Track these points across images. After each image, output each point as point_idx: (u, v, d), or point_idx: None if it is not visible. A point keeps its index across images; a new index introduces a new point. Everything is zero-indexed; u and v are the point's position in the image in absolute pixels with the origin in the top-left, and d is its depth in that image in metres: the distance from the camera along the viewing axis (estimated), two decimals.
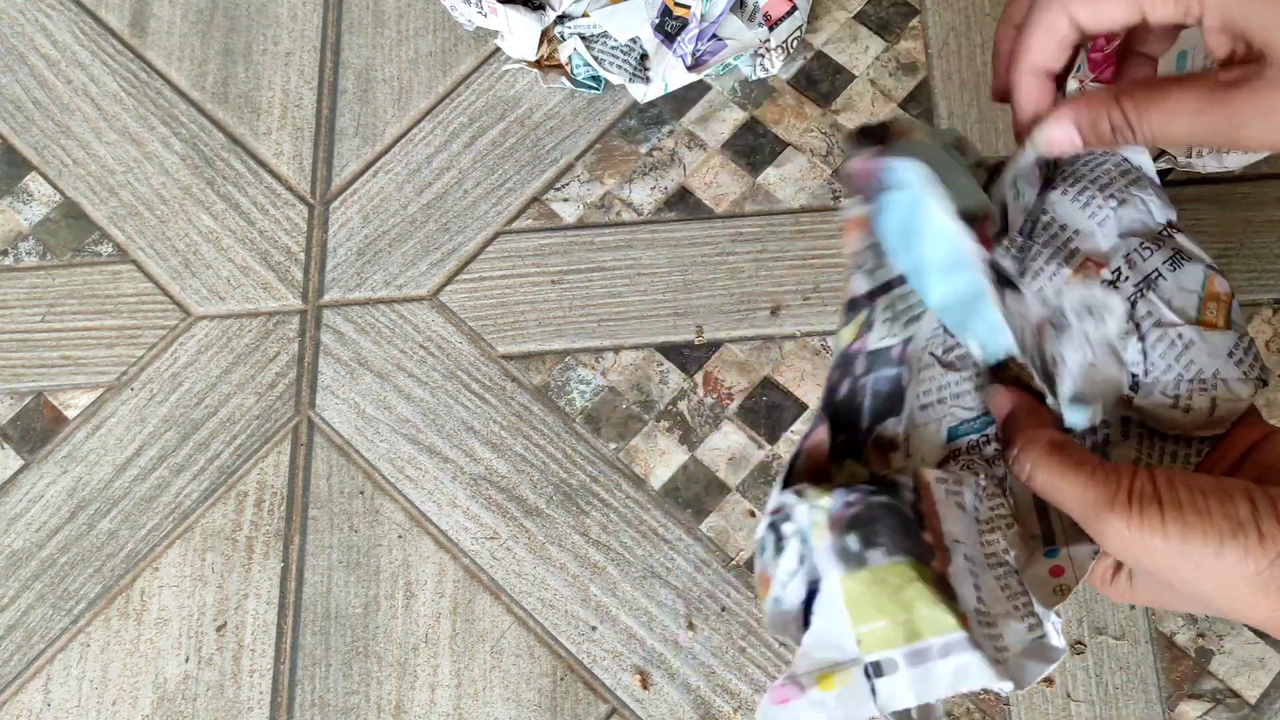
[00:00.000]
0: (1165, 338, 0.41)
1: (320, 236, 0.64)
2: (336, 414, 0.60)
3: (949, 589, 0.38)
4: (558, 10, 0.62)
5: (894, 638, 0.35)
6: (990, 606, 0.39)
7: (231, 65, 0.68)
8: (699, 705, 0.53)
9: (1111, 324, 0.42)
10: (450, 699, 0.54)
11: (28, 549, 0.58)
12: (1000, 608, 0.39)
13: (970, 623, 0.37)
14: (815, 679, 0.36)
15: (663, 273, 0.61)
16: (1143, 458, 0.42)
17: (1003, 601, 0.40)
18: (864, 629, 0.36)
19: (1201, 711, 0.51)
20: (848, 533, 0.36)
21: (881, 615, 0.36)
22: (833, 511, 0.37)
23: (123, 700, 0.55)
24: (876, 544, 0.36)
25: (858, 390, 0.42)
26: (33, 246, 0.65)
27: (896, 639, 0.35)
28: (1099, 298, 0.42)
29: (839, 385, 0.41)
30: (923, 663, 0.35)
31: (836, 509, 0.37)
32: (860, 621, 0.36)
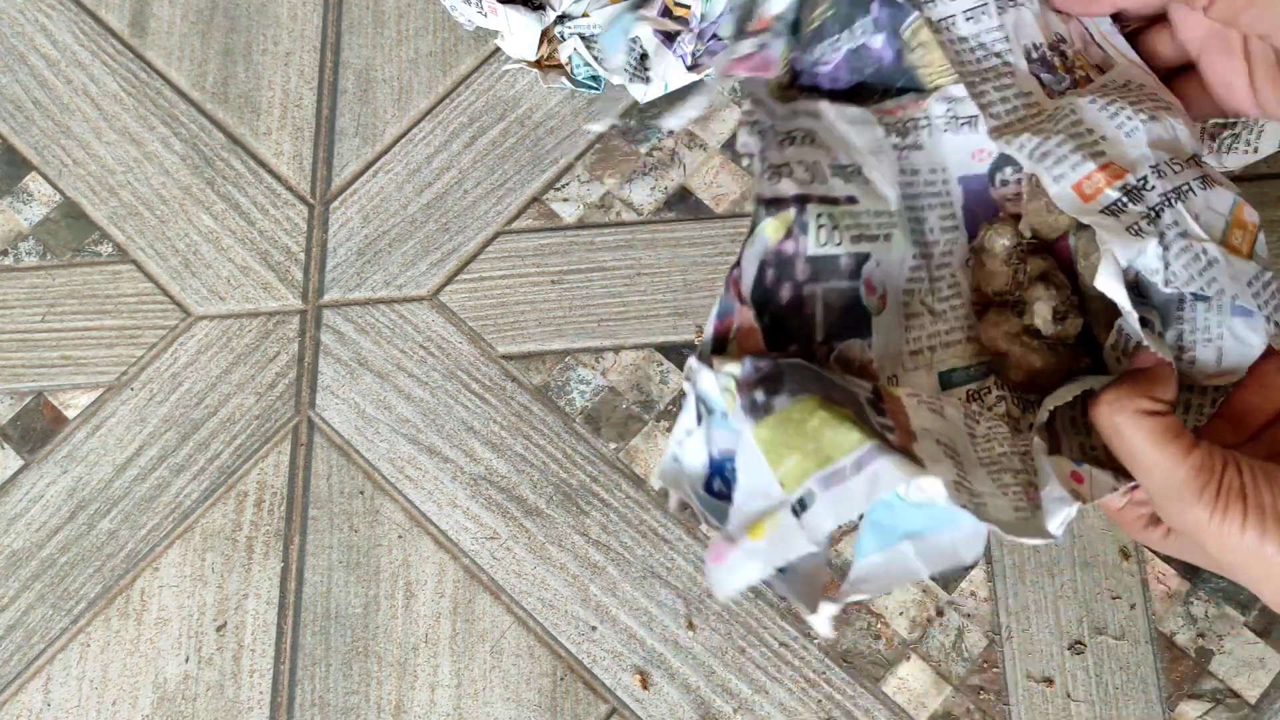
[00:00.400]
0: (1190, 250, 0.40)
1: (320, 236, 0.64)
2: (336, 414, 0.60)
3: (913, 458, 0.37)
4: (558, 10, 0.62)
5: (808, 467, 0.35)
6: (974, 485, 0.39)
7: (231, 65, 0.68)
8: (699, 705, 0.53)
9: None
10: (450, 699, 0.54)
11: (28, 549, 0.58)
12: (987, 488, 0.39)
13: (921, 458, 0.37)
14: (745, 530, 0.36)
15: (663, 273, 0.61)
16: None
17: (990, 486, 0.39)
18: (781, 470, 0.35)
19: (1201, 711, 0.51)
20: (754, 390, 0.36)
21: (792, 451, 0.35)
22: (742, 377, 0.37)
23: (123, 700, 0.55)
24: (781, 391, 0.36)
25: (805, 299, 0.41)
26: (33, 246, 0.65)
27: (810, 467, 0.35)
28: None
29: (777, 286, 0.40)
30: (839, 483, 0.35)
31: (746, 374, 0.37)
32: (776, 464, 0.36)
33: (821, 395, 0.36)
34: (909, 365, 0.44)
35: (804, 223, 0.40)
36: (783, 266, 0.40)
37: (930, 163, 0.44)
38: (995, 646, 0.53)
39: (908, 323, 0.44)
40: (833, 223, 0.41)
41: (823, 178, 0.41)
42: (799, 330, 0.41)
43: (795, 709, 0.53)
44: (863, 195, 0.42)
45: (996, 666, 0.53)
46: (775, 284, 0.40)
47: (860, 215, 0.42)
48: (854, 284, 0.42)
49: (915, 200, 0.45)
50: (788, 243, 0.40)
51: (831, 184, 0.41)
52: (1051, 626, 0.53)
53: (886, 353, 0.43)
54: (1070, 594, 0.53)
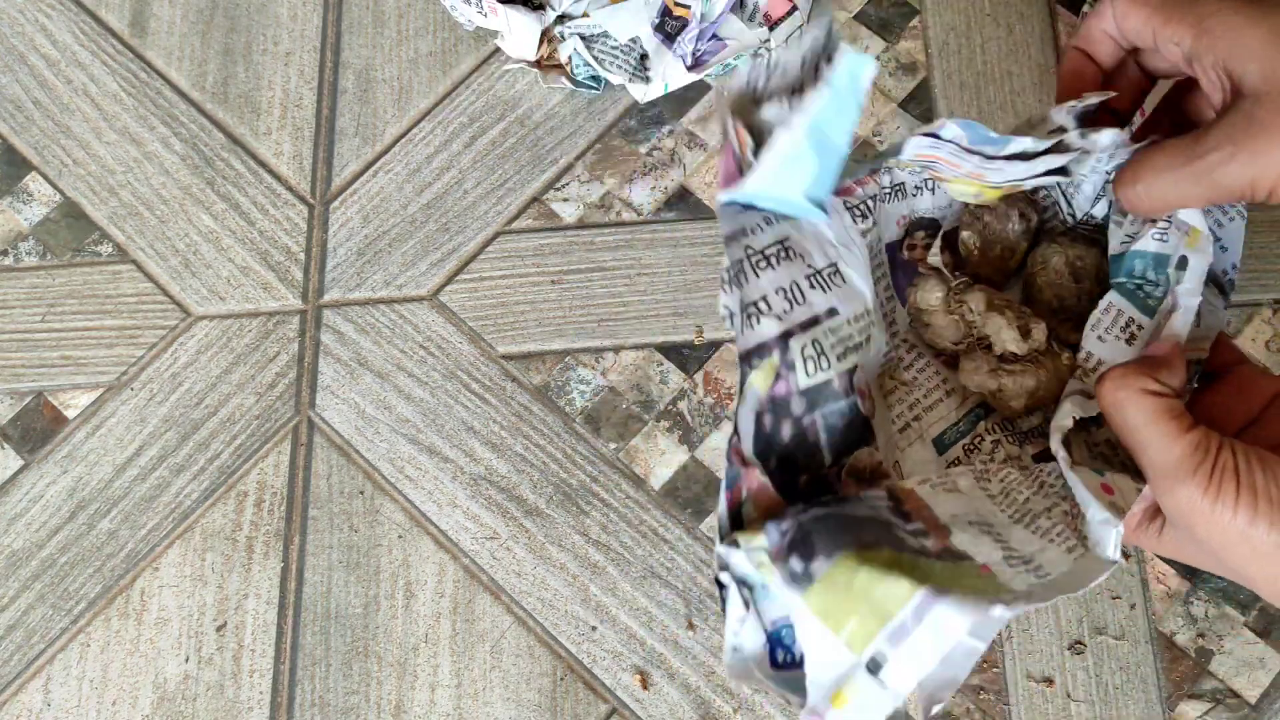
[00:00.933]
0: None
1: (320, 236, 0.64)
2: (336, 414, 0.60)
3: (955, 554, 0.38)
4: (558, 10, 0.62)
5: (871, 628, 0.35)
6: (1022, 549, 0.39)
7: (231, 65, 0.68)
8: (699, 705, 0.53)
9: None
10: (450, 699, 0.54)
11: (28, 549, 0.58)
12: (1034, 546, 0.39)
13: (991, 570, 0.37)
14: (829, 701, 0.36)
15: (663, 273, 0.61)
16: None
17: (1036, 541, 0.39)
18: (845, 634, 0.36)
19: (1201, 711, 0.51)
20: (789, 558, 0.36)
21: (849, 614, 0.36)
22: (771, 548, 0.37)
23: (123, 700, 0.55)
24: (815, 555, 0.36)
25: (806, 429, 0.42)
26: (33, 246, 0.65)
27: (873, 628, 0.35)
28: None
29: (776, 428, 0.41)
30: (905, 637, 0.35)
31: (774, 544, 0.37)
32: (839, 629, 0.36)
33: (855, 546, 0.36)
34: (902, 444, 0.45)
35: (790, 361, 0.40)
36: (779, 409, 0.41)
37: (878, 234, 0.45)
38: (995, 646, 0.53)
39: (888, 402, 0.45)
40: (818, 350, 0.41)
41: (801, 298, 0.41)
42: (808, 461, 0.41)
43: (795, 709, 0.53)
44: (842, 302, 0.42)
45: (996, 666, 0.53)
46: (775, 427, 0.40)
47: (842, 329, 0.42)
48: (850, 399, 0.42)
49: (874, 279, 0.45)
50: (779, 385, 0.40)
51: (811, 300, 0.41)
52: (1051, 626, 0.53)
53: (886, 446, 0.43)
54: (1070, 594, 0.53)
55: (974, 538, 0.39)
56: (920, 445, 0.45)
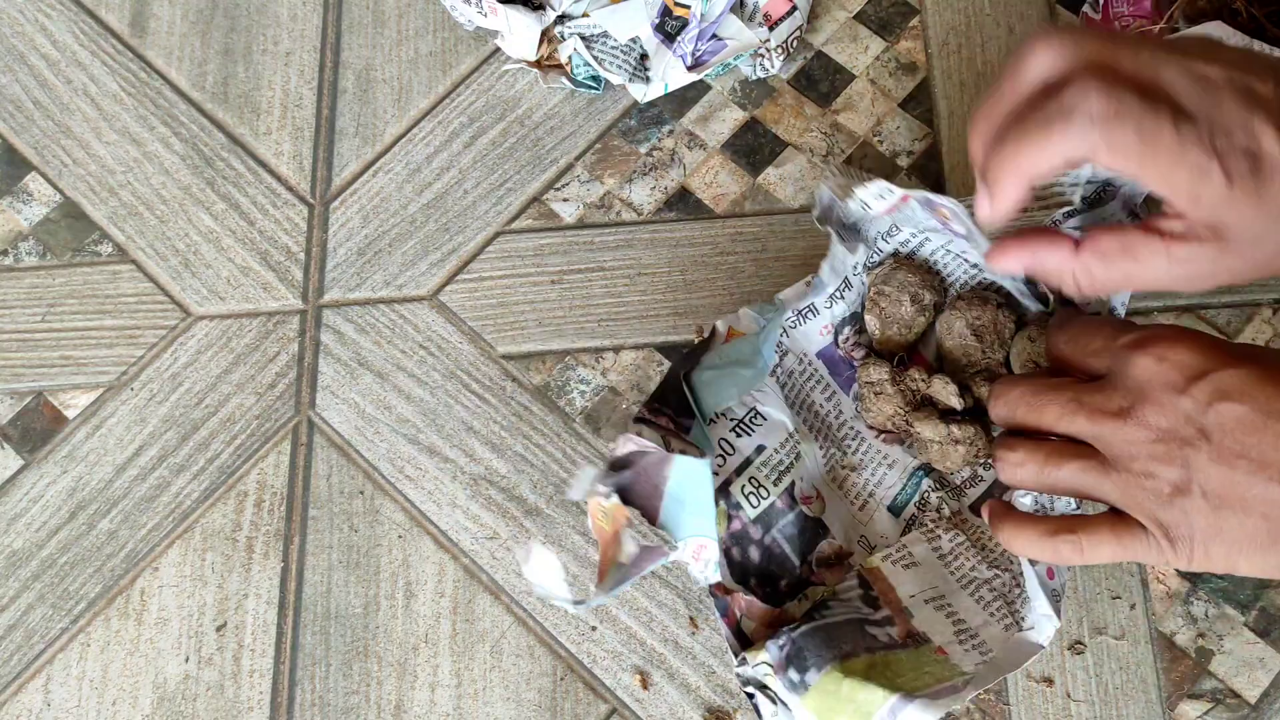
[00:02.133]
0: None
1: (320, 236, 0.64)
2: (336, 414, 0.60)
3: (917, 637, 0.49)
4: (558, 10, 0.62)
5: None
6: (969, 620, 0.50)
7: (231, 65, 0.68)
8: (699, 705, 0.53)
9: None
10: (450, 699, 0.54)
11: (28, 549, 0.58)
12: (978, 619, 0.49)
13: (946, 651, 0.48)
14: None
15: (663, 273, 0.61)
16: None
17: (980, 613, 0.49)
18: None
19: (1201, 711, 0.51)
20: (788, 670, 0.46)
21: (838, 713, 0.46)
22: (774, 661, 0.47)
23: (123, 700, 0.55)
24: (808, 668, 0.46)
25: (769, 547, 0.52)
26: (33, 246, 0.65)
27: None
28: None
29: (745, 555, 0.51)
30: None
31: (775, 658, 0.47)
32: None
33: (838, 658, 0.47)
34: (864, 519, 0.54)
35: (735, 503, 0.51)
36: (741, 541, 0.51)
37: (796, 355, 0.55)
38: None
39: (842, 490, 0.55)
40: (755, 485, 0.52)
41: (731, 449, 0.52)
42: (781, 569, 0.52)
43: None
44: (766, 437, 0.52)
45: None
46: (743, 555, 0.51)
47: (771, 459, 0.52)
48: (795, 510, 0.52)
49: (799, 392, 0.55)
50: (734, 523, 0.51)
51: (739, 447, 0.52)
52: None
53: (846, 528, 0.54)
54: (1070, 594, 0.53)
55: (930, 616, 0.50)
56: (880, 514, 0.54)
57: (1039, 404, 0.44)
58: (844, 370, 0.56)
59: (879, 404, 0.54)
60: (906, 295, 0.54)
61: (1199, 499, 0.40)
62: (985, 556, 0.52)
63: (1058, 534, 0.44)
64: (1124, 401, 0.41)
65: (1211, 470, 0.40)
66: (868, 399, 0.54)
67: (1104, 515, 0.43)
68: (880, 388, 0.54)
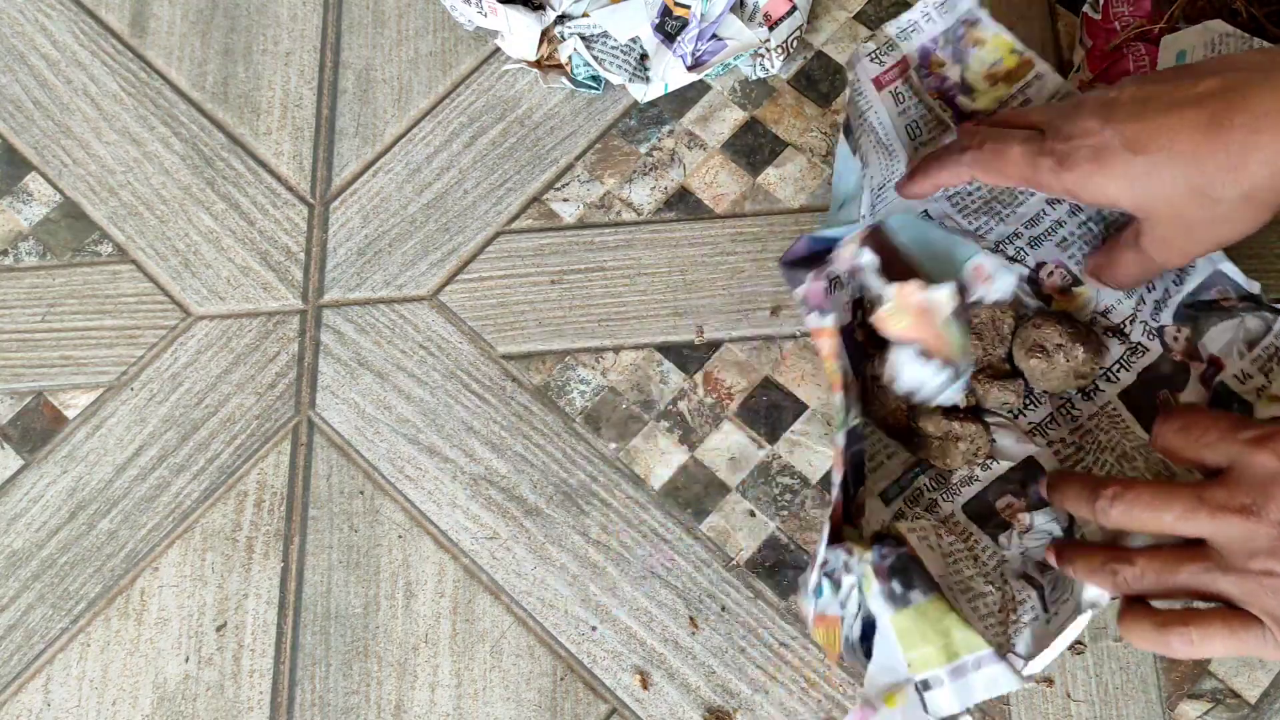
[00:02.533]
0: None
1: (320, 236, 0.64)
2: (336, 414, 0.60)
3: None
4: (558, 10, 0.62)
5: (938, 658, 0.45)
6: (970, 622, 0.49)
7: (231, 65, 0.68)
8: (699, 705, 0.53)
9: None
10: (450, 699, 0.54)
11: (28, 549, 0.58)
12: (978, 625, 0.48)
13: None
14: (883, 698, 0.45)
15: (663, 273, 0.61)
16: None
17: (978, 621, 0.49)
18: (913, 655, 0.45)
19: (1201, 711, 0.51)
20: (891, 579, 0.46)
21: (926, 642, 0.45)
22: (875, 563, 0.46)
23: (123, 700, 0.55)
24: (914, 586, 0.46)
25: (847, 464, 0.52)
26: (33, 246, 0.65)
27: (940, 659, 0.45)
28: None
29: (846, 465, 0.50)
30: (962, 676, 0.45)
31: (876, 561, 0.47)
32: (910, 649, 0.45)
33: (939, 592, 0.46)
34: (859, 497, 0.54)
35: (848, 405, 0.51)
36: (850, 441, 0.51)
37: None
38: None
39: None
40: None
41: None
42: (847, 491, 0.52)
43: (795, 709, 0.53)
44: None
45: None
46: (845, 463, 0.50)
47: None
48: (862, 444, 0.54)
49: None
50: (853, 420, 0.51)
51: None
52: None
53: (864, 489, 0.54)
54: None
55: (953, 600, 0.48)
56: (872, 500, 0.54)
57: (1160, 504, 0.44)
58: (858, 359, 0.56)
59: (884, 398, 0.54)
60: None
61: None
62: (980, 569, 0.52)
63: (1169, 626, 0.44)
64: (1247, 498, 0.42)
65: None
66: (873, 392, 0.55)
67: (1217, 610, 0.44)
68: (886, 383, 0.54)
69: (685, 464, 0.57)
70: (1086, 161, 0.46)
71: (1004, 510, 0.53)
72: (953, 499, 0.54)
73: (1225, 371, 0.52)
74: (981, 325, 0.54)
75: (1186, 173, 0.44)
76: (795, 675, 0.53)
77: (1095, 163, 0.45)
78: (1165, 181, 0.44)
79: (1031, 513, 0.53)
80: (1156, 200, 0.45)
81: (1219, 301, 0.53)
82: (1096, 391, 0.55)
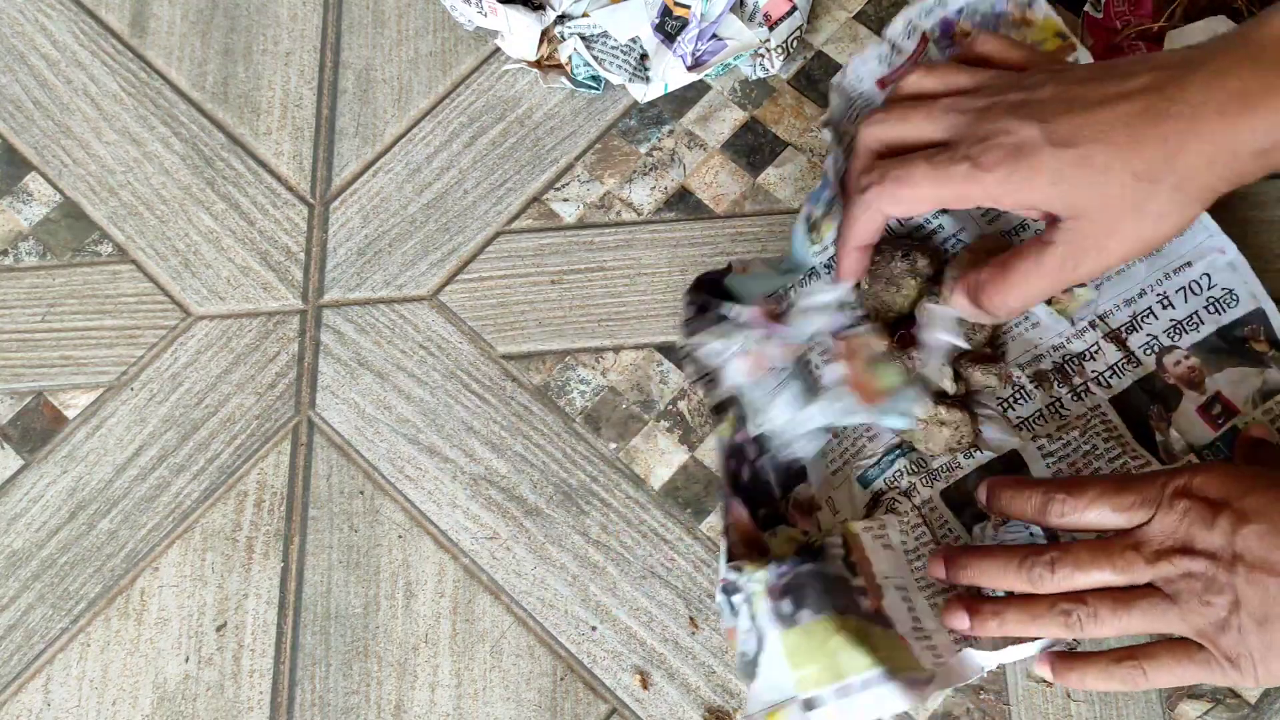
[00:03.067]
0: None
1: (320, 236, 0.64)
2: (336, 414, 0.60)
3: (885, 619, 0.48)
4: (558, 10, 0.62)
5: (824, 678, 0.45)
6: (924, 622, 0.49)
7: (231, 65, 0.68)
8: (699, 705, 0.53)
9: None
10: (450, 699, 0.54)
11: (28, 549, 0.58)
12: (932, 623, 0.49)
13: (907, 642, 0.48)
14: (765, 715, 0.45)
15: (663, 273, 0.61)
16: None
17: (933, 617, 0.49)
18: (800, 673, 0.45)
19: (1201, 711, 0.51)
20: (782, 599, 0.46)
21: (812, 662, 0.45)
22: (769, 583, 0.47)
23: (123, 700, 0.55)
24: (805, 605, 0.46)
25: (758, 471, 0.52)
26: (33, 246, 0.65)
27: (825, 679, 0.45)
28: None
29: (739, 471, 0.52)
30: (847, 695, 0.45)
31: (772, 580, 0.47)
32: (797, 667, 0.45)
33: (835, 610, 0.46)
34: (836, 483, 0.54)
35: (742, 416, 0.52)
36: (738, 455, 0.52)
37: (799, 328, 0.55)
38: None
39: (821, 450, 0.55)
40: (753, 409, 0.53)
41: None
42: (764, 497, 0.53)
43: None
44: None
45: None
46: (737, 469, 0.52)
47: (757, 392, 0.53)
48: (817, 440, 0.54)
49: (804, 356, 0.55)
50: (740, 434, 0.52)
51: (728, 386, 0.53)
52: None
53: (822, 483, 0.54)
54: None
55: (896, 603, 0.49)
56: (848, 485, 0.54)
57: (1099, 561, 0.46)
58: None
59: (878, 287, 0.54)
60: (899, 251, 0.55)
61: (1247, 619, 0.43)
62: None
63: (1120, 662, 0.46)
64: (1174, 543, 0.45)
65: (1249, 591, 0.43)
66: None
67: (1162, 642, 0.46)
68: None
69: (685, 464, 0.57)
70: (1007, 160, 0.44)
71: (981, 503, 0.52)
72: (932, 484, 0.54)
73: (1239, 416, 0.53)
74: None
75: (1126, 160, 0.43)
76: None
77: (1017, 160, 0.44)
78: (1099, 171, 0.43)
79: None
80: (1087, 194, 0.44)
81: (1249, 341, 0.54)
82: (1087, 393, 0.55)
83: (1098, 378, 0.55)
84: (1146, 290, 0.55)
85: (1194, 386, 0.54)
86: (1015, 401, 0.55)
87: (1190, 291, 0.55)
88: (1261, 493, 0.44)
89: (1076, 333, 0.55)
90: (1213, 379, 0.54)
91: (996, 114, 0.45)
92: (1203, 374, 0.54)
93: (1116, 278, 0.56)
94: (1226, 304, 0.54)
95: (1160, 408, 0.54)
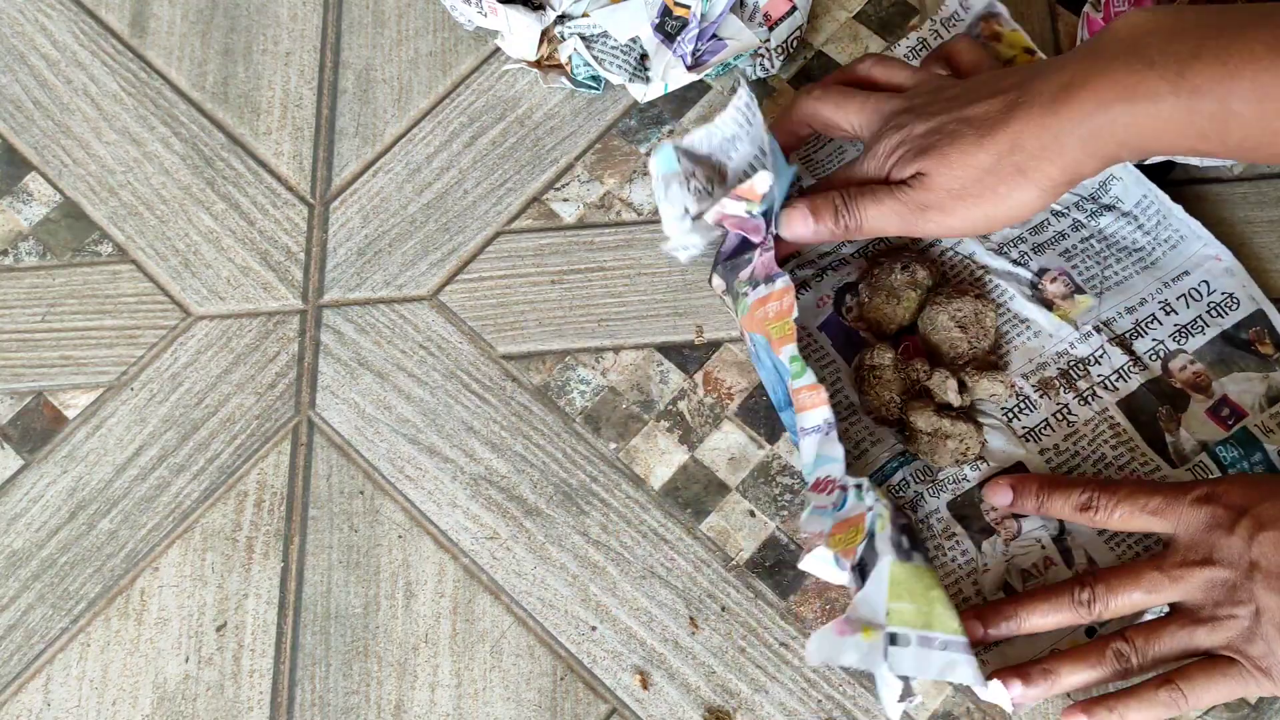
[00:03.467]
0: None
1: (320, 236, 0.64)
2: (336, 414, 0.60)
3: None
4: (558, 10, 0.62)
5: (914, 621, 0.46)
6: None
7: (231, 65, 0.68)
8: (699, 705, 0.53)
9: None
10: (450, 699, 0.54)
11: (28, 549, 0.58)
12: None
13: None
14: (862, 628, 0.46)
15: (663, 273, 0.61)
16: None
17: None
18: (895, 605, 0.46)
19: (1201, 711, 0.51)
20: (903, 534, 0.47)
21: (911, 601, 0.46)
22: (890, 513, 0.47)
23: (123, 700, 0.55)
24: (918, 549, 0.47)
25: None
26: (33, 246, 0.65)
27: (915, 622, 0.46)
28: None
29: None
30: (927, 647, 0.45)
31: (892, 511, 0.47)
32: (895, 599, 0.46)
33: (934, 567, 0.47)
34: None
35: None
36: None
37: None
38: None
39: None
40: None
41: None
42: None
43: (795, 709, 0.53)
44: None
45: None
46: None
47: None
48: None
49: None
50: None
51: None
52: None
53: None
54: None
55: None
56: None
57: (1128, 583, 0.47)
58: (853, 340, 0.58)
59: (878, 389, 0.55)
60: (898, 264, 0.56)
61: (1269, 627, 0.44)
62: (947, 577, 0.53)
63: (1159, 690, 0.47)
64: (1196, 555, 0.46)
65: (1269, 599, 0.44)
66: (869, 382, 0.55)
67: (1196, 662, 0.47)
68: (882, 373, 0.55)
69: (685, 464, 0.57)
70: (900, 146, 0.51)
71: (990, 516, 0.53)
72: (938, 495, 0.54)
73: (1248, 419, 0.53)
74: (965, 320, 0.55)
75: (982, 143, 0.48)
76: (795, 675, 0.53)
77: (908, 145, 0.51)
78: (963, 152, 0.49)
79: (1019, 519, 0.53)
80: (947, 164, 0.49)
81: (1254, 344, 0.54)
82: (1094, 397, 0.55)
83: (1104, 381, 0.55)
84: (1147, 298, 0.55)
85: (1201, 390, 0.54)
86: (1020, 411, 0.55)
87: (1191, 298, 0.55)
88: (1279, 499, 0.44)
89: (1081, 337, 0.55)
90: (1219, 383, 0.54)
91: (907, 115, 0.51)
92: (1209, 378, 0.54)
93: (1115, 287, 0.56)
94: (1228, 308, 0.55)
95: (1169, 408, 0.54)
